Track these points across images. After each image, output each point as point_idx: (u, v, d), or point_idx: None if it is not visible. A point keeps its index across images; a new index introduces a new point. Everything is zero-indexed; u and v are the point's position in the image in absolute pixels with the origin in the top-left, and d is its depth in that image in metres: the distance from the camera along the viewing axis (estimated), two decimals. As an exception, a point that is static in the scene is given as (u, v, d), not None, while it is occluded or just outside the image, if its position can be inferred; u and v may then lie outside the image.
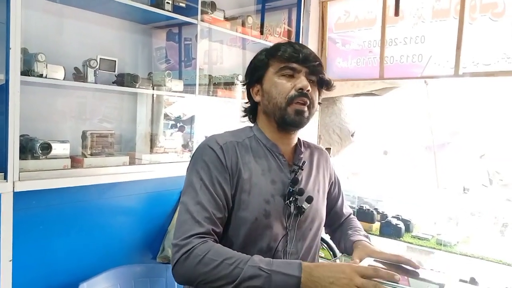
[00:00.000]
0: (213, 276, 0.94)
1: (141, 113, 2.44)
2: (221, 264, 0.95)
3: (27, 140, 1.72)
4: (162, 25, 2.55)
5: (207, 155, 1.11)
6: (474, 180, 4.19)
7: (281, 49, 1.15)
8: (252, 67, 1.22)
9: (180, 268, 0.98)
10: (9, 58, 1.50)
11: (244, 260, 0.95)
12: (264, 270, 0.92)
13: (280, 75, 1.14)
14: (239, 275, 0.92)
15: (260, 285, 0.92)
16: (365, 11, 2.77)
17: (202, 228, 1.00)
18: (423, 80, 3.42)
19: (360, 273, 0.90)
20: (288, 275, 0.92)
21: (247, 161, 1.14)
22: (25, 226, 1.66)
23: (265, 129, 1.22)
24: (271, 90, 1.14)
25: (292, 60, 1.12)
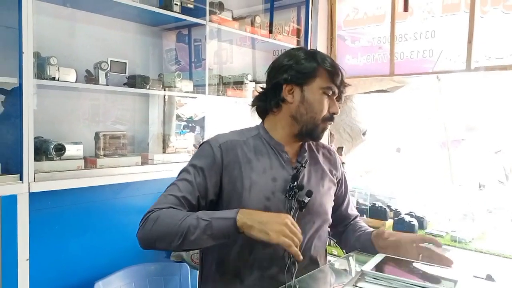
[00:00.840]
0: (166, 233, 1.04)
1: (153, 114, 2.47)
2: (171, 222, 1.03)
3: (41, 142, 1.75)
4: (172, 26, 2.58)
5: (204, 151, 1.19)
6: (490, 176, 4.13)
7: (333, 67, 1.19)
8: (297, 67, 1.19)
9: (140, 232, 1.10)
10: (22, 62, 1.54)
11: (189, 215, 1.04)
12: (205, 219, 1.02)
13: (323, 92, 1.18)
14: (185, 227, 1.01)
15: (203, 232, 1.01)
16: (373, 7, 2.75)
17: (165, 204, 1.09)
18: (435, 75, 3.39)
19: (292, 221, 1.02)
20: (225, 218, 1.01)
21: (249, 160, 1.18)
22: (41, 226, 1.69)
23: (275, 128, 1.24)
24: (314, 104, 1.18)
25: (336, 83, 1.19)
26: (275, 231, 0.98)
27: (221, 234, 1.01)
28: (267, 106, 1.25)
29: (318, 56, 1.20)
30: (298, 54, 1.21)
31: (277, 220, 1.00)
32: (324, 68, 1.18)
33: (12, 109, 1.62)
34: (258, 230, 0.98)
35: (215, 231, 1.00)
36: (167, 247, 1.06)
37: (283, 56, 1.24)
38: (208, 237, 1.01)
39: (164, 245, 1.06)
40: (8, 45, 1.64)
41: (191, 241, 1.01)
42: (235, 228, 1.00)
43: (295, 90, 1.19)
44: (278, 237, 0.97)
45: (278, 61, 1.24)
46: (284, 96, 1.20)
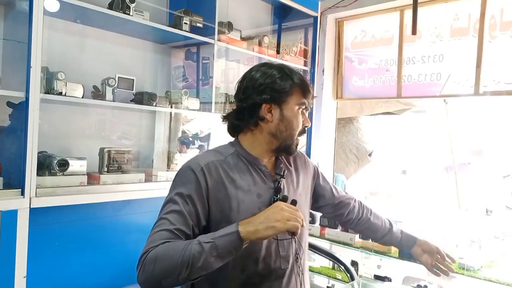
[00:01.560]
0: (170, 268, 0.98)
1: (159, 130, 2.47)
2: (173, 255, 0.99)
3: (45, 156, 1.74)
4: (181, 44, 2.60)
5: (185, 177, 1.15)
6: (497, 202, 4.06)
7: (305, 83, 1.21)
8: (275, 86, 1.19)
9: (141, 277, 1.03)
10: (30, 77, 1.54)
11: (189, 243, 1.00)
12: (207, 241, 0.99)
13: (298, 108, 1.21)
14: (190, 256, 0.97)
15: (210, 255, 0.97)
16: (382, 30, 2.76)
17: (159, 241, 1.04)
18: (442, 99, 3.37)
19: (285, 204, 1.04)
20: (228, 234, 0.99)
21: (232, 179, 1.17)
22: (40, 242, 1.67)
23: (251, 145, 1.23)
24: (293, 121, 1.20)
25: (309, 98, 1.22)
26: (278, 221, 0.99)
27: (228, 251, 0.99)
28: (244, 125, 1.23)
29: (290, 72, 1.21)
30: (273, 73, 1.20)
31: (273, 211, 1.01)
32: (297, 84, 1.20)
33: (18, 123, 1.62)
34: (263, 229, 0.98)
35: (221, 250, 0.98)
36: (175, 282, 1.00)
37: (257, 74, 1.22)
38: (215, 258, 0.98)
39: (171, 281, 1.00)
40: (17, 59, 1.65)
41: (199, 267, 0.97)
42: (240, 240, 0.98)
43: (274, 108, 1.19)
44: (284, 224, 0.98)
45: (253, 80, 1.21)
46: (264, 115, 1.19)
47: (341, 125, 3.17)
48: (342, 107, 3.24)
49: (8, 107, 1.67)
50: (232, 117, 1.25)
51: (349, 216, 1.52)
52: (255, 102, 1.19)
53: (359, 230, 1.63)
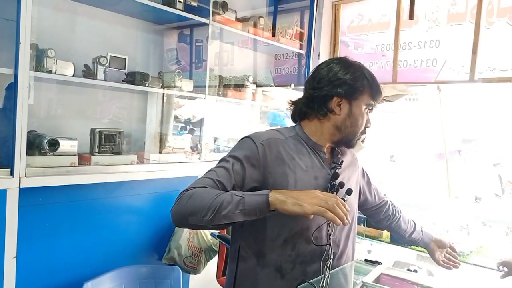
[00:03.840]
0: (200, 207, 1.06)
1: (151, 112, 2.43)
2: (206, 197, 1.07)
3: (34, 136, 1.70)
4: (174, 26, 2.54)
5: (244, 144, 1.23)
6: (487, 189, 4.11)
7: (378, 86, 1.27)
8: (352, 83, 1.23)
9: (174, 208, 1.12)
10: (19, 53, 1.49)
11: (223, 192, 1.08)
12: (238, 195, 1.05)
13: (365, 108, 1.26)
14: (219, 202, 1.04)
15: (236, 207, 1.03)
16: (378, 14, 2.72)
17: (201, 184, 1.13)
18: (436, 86, 3.36)
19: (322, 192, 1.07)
20: (258, 194, 1.05)
21: (292, 157, 1.22)
22: (30, 223, 1.64)
23: (314, 132, 1.28)
24: (359, 119, 1.25)
25: (378, 100, 1.28)
26: (308, 202, 1.00)
27: (253, 210, 1.03)
28: (312, 113, 1.28)
29: (366, 73, 1.26)
30: (350, 70, 1.25)
31: (309, 194, 1.03)
32: (370, 85, 1.25)
33: (7, 101, 1.58)
34: (291, 204, 1.00)
35: (247, 206, 1.03)
36: (199, 222, 1.07)
37: (336, 67, 1.26)
38: (240, 212, 1.03)
39: (196, 219, 1.07)
40: (6, 36, 1.59)
41: (223, 215, 1.03)
42: (267, 204, 1.02)
43: (343, 103, 1.24)
44: (312, 207, 1.00)
45: (331, 72, 1.25)
46: (333, 107, 1.24)
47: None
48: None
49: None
50: (302, 104, 1.30)
51: (385, 214, 1.62)
52: (328, 93, 1.24)
53: (390, 228, 1.69)
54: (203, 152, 2.34)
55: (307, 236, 1.20)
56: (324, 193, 1.05)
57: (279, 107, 3.15)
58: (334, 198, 1.02)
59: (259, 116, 3.05)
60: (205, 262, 2.24)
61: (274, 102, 3.12)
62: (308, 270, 1.21)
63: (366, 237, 2.51)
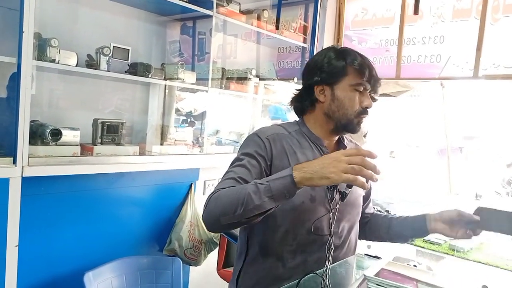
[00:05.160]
0: (228, 204, 1.04)
1: (153, 104, 2.43)
2: (232, 194, 1.05)
3: (37, 125, 1.70)
4: (177, 17, 2.53)
5: (251, 141, 1.24)
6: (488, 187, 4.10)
7: (361, 64, 1.23)
8: (327, 68, 1.25)
9: (204, 214, 1.11)
10: (22, 42, 1.49)
11: (247, 185, 1.06)
12: (262, 183, 1.03)
13: (353, 89, 1.23)
14: (246, 194, 1.02)
15: (264, 195, 1.01)
16: (383, 9, 2.71)
17: (225, 185, 1.12)
18: (439, 82, 3.35)
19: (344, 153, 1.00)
20: (282, 177, 1.01)
21: (294, 151, 1.24)
22: (32, 212, 1.65)
23: (313, 125, 1.30)
24: (345, 101, 1.23)
25: (367, 79, 1.23)
26: (333, 172, 0.96)
27: (281, 194, 1.01)
28: (303, 106, 1.32)
29: (347, 54, 1.25)
30: (329, 54, 1.26)
31: (330, 162, 0.98)
32: (351, 65, 1.23)
33: (11, 92, 1.58)
34: (318, 179, 0.97)
35: (274, 191, 1.01)
36: (231, 219, 1.05)
37: (316, 56, 1.31)
38: (269, 199, 1.01)
39: (228, 218, 1.05)
40: (9, 26, 1.59)
41: (253, 206, 1.01)
42: (294, 183, 0.99)
43: (326, 89, 1.25)
44: (340, 176, 0.95)
45: (312, 62, 1.30)
46: (317, 96, 1.27)
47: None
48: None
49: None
50: (294, 99, 1.34)
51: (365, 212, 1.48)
52: (310, 84, 1.28)
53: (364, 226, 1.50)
54: (205, 144, 2.34)
55: (308, 226, 1.20)
56: (344, 153, 0.99)
57: (281, 100, 3.14)
58: (358, 157, 0.96)
59: (261, 110, 3.04)
60: (206, 254, 2.25)
61: (276, 96, 3.11)
62: (309, 259, 1.22)
63: (366, 232, 2.51)
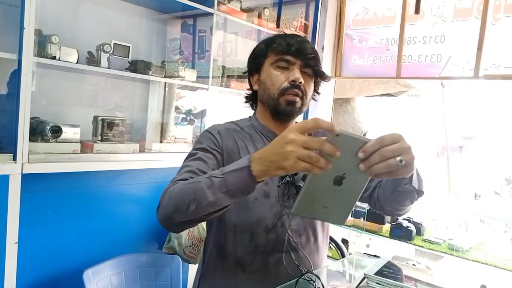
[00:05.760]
0: (181, 200, 0.94)
1: (153, 102, 2.43)
2: (184, 188, 0.96)
3: (37, 122, 1.70)
4: (178, 15, 2.53)
5: (203, 136, 1.20)
6: (487, 187, 4.11)
7: (277, 41, 1.18)
8: (252, 56, 1.25)
9: (158, 211, 1.02)
10: (23, 38, 1.48)
11: (201, 176, 0.96)
12: (217, 175, 0.90)
13: (275, 67, 1.17)
14: (199, 188, 0.91)
15: (219, 191, 0.89)
16: (384, 8, 2.71)
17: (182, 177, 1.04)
18: (440, 82, 3.35)
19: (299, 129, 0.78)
20: (239, 169, 0.87)
21: (246, 146, 1.20)
22: (32, 209, 1.65)
23: (261, 117, 1.26)
24: (266, 81, 1.18)
25: (286, 52, 1.16)
26: (288, 161, 0.78)
27: (239, 189, 0.88)
28: (252, 100, 1.31)
29: (270, 38, 1.22)
30: (257, 45, 1.25)
31: (281, 146, 0.79)
32: (269, 45, 1.20)
33: (11, 88, 1.57)
34: (275, 170, 0.83)
35: (231, 187, 0.88)
36: (185, 217, 0.95)
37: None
38: (225, 195, 0.89)
39: (181, 215, 0.95)
40: (10, 22, 1.59)
41: (208, 203, 0.90)
42: (252, 178, 0.86)
43: (256, 77, 1.24)
44: (296, 165, 0.77)
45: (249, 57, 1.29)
46: (253, 87, 1.26)
47: (337, 104, 3.15)
48: (341, 87, 3.21)
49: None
50: (245, 96, 1.33)
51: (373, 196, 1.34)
52: (248, 77, 1.27)
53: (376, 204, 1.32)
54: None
55: (265, 225, 1.13)
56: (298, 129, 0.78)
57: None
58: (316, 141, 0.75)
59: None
60: (205, 252, 2.25)
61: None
62: (270, 261, 1.14)
63: (365, 231, 2.52)
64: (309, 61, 1.16)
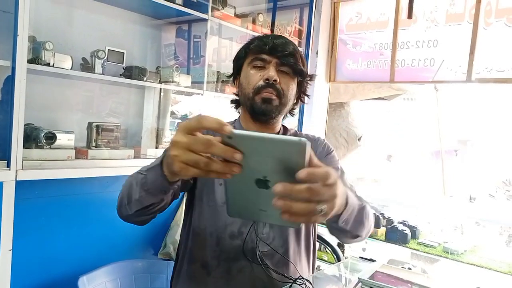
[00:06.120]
0: (122, 195, 0.95)
1: (148, 107, 2.43)
2: (125, 182, 0.96)
3: (31, 129, 1.70)
4: (172, 21, 2.53)
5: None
6: (481, 189, 4.13)
7: (254, 42, 1.16)
8: (234, 59, 1.23)
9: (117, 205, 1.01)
10: (16, 45, 1.48)
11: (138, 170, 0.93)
12: (142, 172, 0.89)
13: (252, 67, 1.14)
14: (130, 184, 0.91)
15: (142, 188, 0.87)
16: (377, 13, 2.73)
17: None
18: (433, 85, 3.38)
19: (185, 129, 0.62)
20: (155, 166, 0.83)
21: None
22: (26, 216, 1.64)
23: (243, 120, 1.24)
24: (243, 81, 1.16)
25: (261, 51, 1.12)
26: (175, 166, 0.63)
27: (157, 188, 0.84)
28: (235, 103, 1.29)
29: (249, 40, 1.20)
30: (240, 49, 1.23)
31: (170, 153, 0.65)
32: (247, 47, 1.17)
33: (4, 94, 1.57)
34: (172, 174, 0.77)
35: (150, 185, 0.85)
36: (128, 210, 0.94)
37: None
38: (146, 194, 0.86)
39: (124, 209, 0.95)
40: (3, 29, 1.58)
41: (135, 200, 0.89)
42: (164, 177, 0.80)
43: (237, 80, 1.22)
44: (184, 172, 0.63)
45: None
46: (237, 90, 1.24)
47: (332, 108, 3.16)
48: (335, 92, 3.22)
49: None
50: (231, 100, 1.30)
51: None
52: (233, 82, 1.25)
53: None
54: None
55: (231, 231, 1.10)
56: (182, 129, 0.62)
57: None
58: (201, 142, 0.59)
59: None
60: (201, 258, 2.24)
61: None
62: (233, 267, 1.11)
63: (361, 235, 2.52)
64: (285, 58, 1.11)
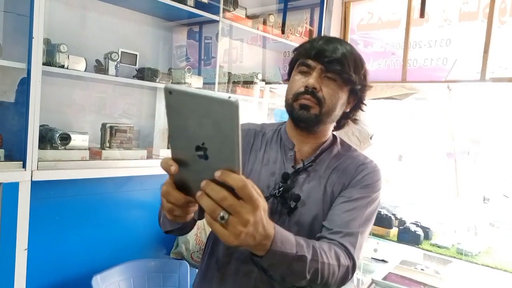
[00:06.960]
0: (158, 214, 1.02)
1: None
2: None
3: (46, 130, 1.72)
4: (184, 23, 2.55)
5: None
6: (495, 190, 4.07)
7: (304, 45, 1.11)
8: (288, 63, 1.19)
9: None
10: (32, 47, 1.51)
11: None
12: None
13: (297, 72, 1.09)
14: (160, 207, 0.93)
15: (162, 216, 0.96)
16: (389, 12, 2.71)
17: None
18: (446, 85, 3.34)
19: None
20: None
21: (257, 149, 1.17)
22: (41, 216, 1.67)
23: (288, 124, 1.19)
24: (288, 86, 1.13)
25: (307, 56, 1.07)
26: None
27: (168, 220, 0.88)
28: None
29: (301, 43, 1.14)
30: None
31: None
32: (298, 51, 1.12)
33: (20, 95, 1.60)
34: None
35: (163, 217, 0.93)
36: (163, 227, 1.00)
37: None
38: (165, 219, 0.92)
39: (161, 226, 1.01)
40: (19, 32, 1.62)
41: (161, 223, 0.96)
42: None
43: None
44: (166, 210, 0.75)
45: None
46: None
47: (343, 108, 3.14)
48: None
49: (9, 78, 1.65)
50: None
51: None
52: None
53: None
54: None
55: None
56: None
57: (287, 104, 3.15)
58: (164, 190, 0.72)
59: (267, 113, 3.05)
60: (212, 258, 2.25)
61: (282, 99, 3.12)
62: (241, 269, 1.07)
63: (373, 235, 2.50)
64: (331, 64, 1.04)
